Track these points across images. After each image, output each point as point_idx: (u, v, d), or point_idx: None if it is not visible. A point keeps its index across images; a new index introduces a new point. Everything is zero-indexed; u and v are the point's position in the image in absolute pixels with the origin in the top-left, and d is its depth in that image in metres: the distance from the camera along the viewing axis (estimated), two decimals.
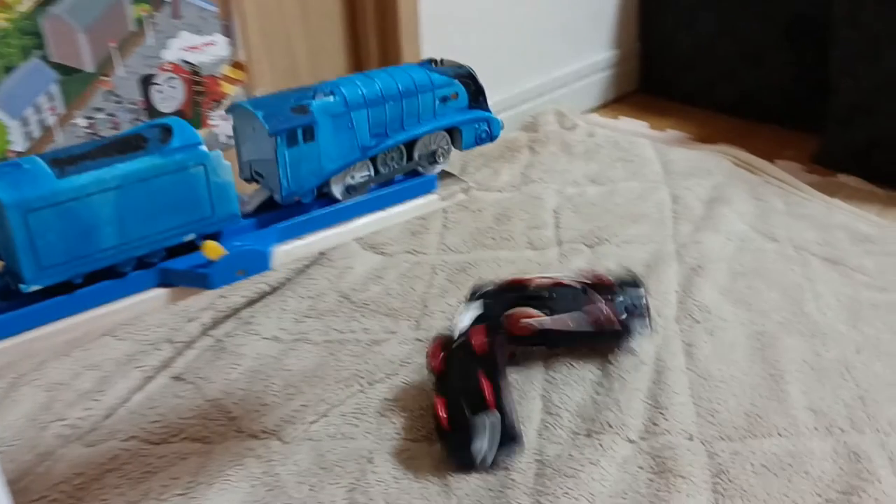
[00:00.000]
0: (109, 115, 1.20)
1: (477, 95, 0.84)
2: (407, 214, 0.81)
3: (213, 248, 0.66)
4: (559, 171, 1.59)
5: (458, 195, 0.84)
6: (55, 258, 0.61)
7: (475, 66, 0.86)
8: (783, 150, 1.73)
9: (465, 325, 0.97)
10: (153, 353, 1.08)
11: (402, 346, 1.09)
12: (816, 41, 1.71)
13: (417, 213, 0.82)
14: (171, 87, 1.25)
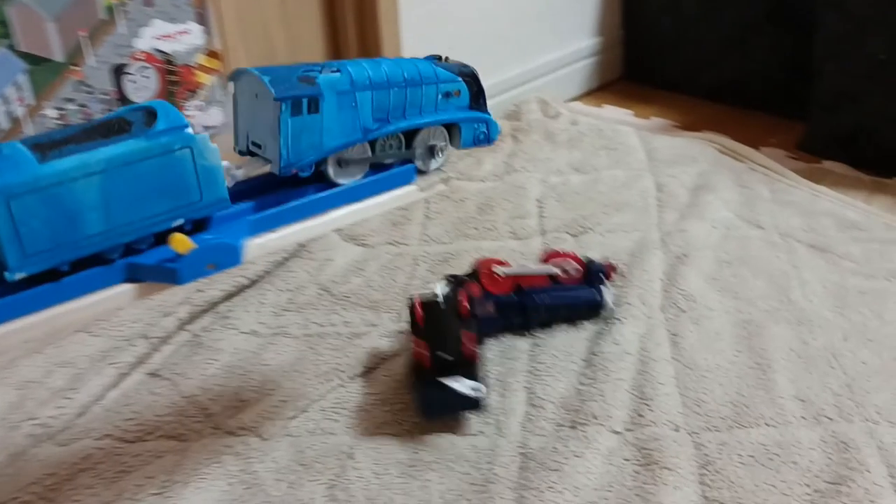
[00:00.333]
0: (81, 105, 1.17)
1: (478, 96, 0.85)
2: (386, 205, 0.80)
3: (181, 241, 0.64)
4: (542, 159, 1.57)
5: (437, 186, 0.84)
6: (40, 245, 0.60)
7: (457, 54, 0.87)
8: (768, 136, 1.73)
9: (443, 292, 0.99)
10: (128, 348, 1.05)
11: (383, 338, 1.07)
12: (801, 26, 1.69)
13: (396, 203, 0.81)
14: (144, 76, 1.22)
